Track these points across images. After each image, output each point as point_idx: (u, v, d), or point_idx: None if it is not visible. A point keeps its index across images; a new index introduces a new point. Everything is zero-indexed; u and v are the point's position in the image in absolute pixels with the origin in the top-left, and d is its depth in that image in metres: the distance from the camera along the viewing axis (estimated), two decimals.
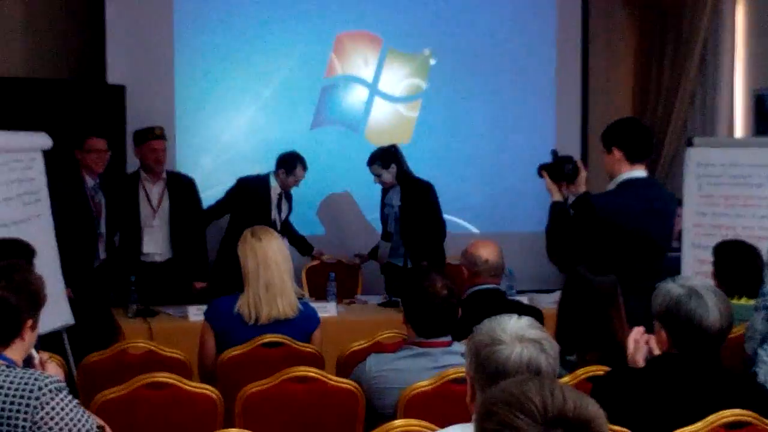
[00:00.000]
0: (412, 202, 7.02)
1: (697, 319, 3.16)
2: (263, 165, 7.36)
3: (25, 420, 2.85)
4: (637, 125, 4.95)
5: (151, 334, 5.66)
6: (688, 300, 3.19)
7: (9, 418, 2.85)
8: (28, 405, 2.86)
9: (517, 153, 8.53)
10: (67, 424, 2.89)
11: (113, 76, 7.48)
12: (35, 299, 3.12)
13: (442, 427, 2.79)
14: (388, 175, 7.00)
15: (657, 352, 3.41)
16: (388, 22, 8.33)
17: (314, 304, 5.07)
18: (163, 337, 5.46)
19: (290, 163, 7.11)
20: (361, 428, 3.82)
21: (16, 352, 3.07)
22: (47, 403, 2.87)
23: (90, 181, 6.44)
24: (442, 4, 8.42)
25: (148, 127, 6.72)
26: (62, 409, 2.89)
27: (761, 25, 7.82)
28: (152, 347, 4.50)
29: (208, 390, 3.82)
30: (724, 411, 3.14)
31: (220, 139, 7.95)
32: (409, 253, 6.96)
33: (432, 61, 8.42)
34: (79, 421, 2.92)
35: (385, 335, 4.65)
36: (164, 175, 6.76)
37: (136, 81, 7.51)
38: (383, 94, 8.34)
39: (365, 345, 4.57)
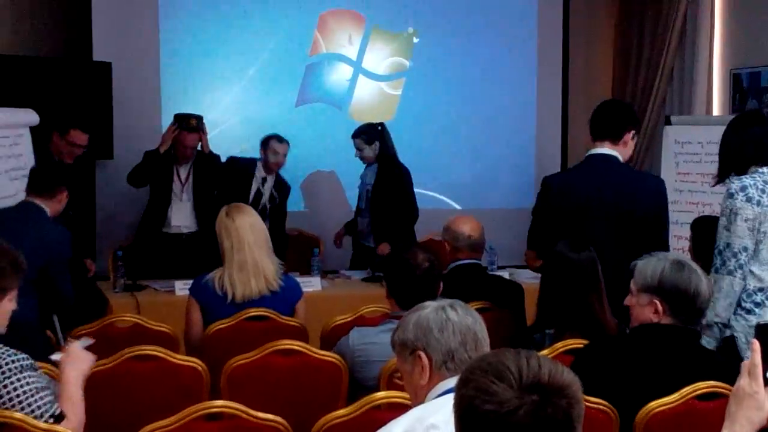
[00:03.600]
0: (385, 182, 7.03)
1: (693, 286, 3.26)
2: (249, 142, 7.41)
3: None
4: (601, 105, 4.90)
5: (138, 308, 5.70)
6: (680, 269, 3.27)
7: None
8: None
9: (498, 130, 8.62)
10: (20, 402, 2.98)
11: (99, 54, 7.48)
12: None
13: None
14: (370, 152, 7.02)
15: None
16: (372, 1, 8.35)
17: (299, 279, 5.13)
18: (149, 311, 5.50)
19: (264, 140, 7.11)
20: (344, 400, 3.86)
21: None
22: (8, 379, 2.99)
23: None
24: None
25: (187, 114, 6.88)
26: (21, 386, 2.99)
27: (739, 4, 7.85)
28: (139, 321, 4.56)
29: (194, 363, 3.86)
30: (699, 383, 3.22)
31: (206, 117, 7.86)
32: (375, 233, 7.03)
33: (416, 40, 8.46)
34: (35, 402, 3.00)
35: (368, 309, 4.69)
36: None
37: (122, 58, 7.50)
38: (367, 72, 8.38)
39: (349, 319, 4.63)
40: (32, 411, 2.98)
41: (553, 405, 1.77)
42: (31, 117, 6.09)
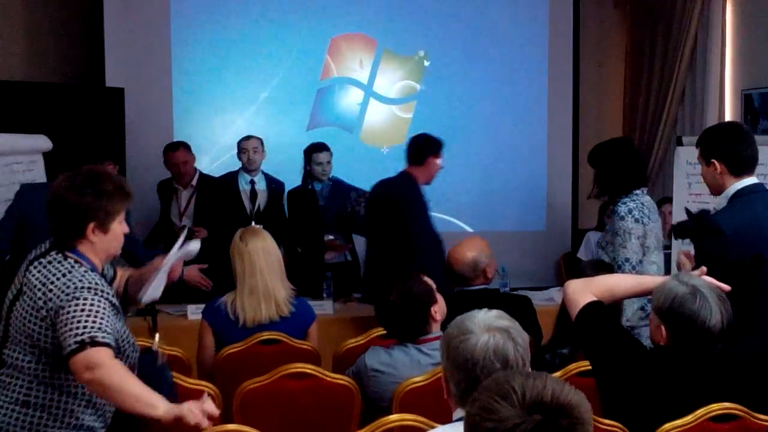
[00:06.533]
0: (342, 198, 7.10)
1: (700, 320, 3.16)
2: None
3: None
4: (739, 132, 4.21)
5: (150, 332, 5.70)
6: (692, 300, 3.17)
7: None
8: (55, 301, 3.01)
9: (510, 153, 8.63)
10: (67, 323, 2.95)
11: (112, 79, 7.54)
12: (100, 202, 3.14)
13: (437, 421, 2.87)
14: (328, 168, 7.08)
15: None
16: (383, 25, 8.40)
17: (311, 302, 5.12)
18: (162, 335, 5.50)
19: (237, 144, 7.24)
20: (357, 423, 3.85)
21: (88, 250, 3.17)
22: (76, 298, 2.99)
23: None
24: (437, 7, 8.48)
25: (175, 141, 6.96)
26: (81, 307, 2.98)
27: (750, 25, 7.85)
28: (151, 345, 4.55)
29: (206, 387, 3.85)
30: (713, 405, 3.18)
31: (218, 141, 8.01)
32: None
33: (426, 63, 8.50)
34: (78, 323, 2.96)
35: (380, 333, 4.64)
36: (194, 182, 6.94)
37: (135, 84, 7.57)
38: (378, 95, 8.41)
39: (361, 342, 4.61)
40: (68, 331, 2.93)
41: (555, 424, 1.77)
42: (45, 143, 6.12)
